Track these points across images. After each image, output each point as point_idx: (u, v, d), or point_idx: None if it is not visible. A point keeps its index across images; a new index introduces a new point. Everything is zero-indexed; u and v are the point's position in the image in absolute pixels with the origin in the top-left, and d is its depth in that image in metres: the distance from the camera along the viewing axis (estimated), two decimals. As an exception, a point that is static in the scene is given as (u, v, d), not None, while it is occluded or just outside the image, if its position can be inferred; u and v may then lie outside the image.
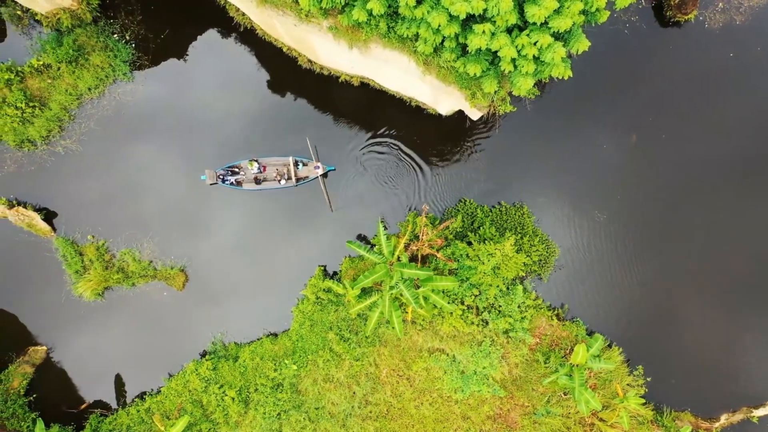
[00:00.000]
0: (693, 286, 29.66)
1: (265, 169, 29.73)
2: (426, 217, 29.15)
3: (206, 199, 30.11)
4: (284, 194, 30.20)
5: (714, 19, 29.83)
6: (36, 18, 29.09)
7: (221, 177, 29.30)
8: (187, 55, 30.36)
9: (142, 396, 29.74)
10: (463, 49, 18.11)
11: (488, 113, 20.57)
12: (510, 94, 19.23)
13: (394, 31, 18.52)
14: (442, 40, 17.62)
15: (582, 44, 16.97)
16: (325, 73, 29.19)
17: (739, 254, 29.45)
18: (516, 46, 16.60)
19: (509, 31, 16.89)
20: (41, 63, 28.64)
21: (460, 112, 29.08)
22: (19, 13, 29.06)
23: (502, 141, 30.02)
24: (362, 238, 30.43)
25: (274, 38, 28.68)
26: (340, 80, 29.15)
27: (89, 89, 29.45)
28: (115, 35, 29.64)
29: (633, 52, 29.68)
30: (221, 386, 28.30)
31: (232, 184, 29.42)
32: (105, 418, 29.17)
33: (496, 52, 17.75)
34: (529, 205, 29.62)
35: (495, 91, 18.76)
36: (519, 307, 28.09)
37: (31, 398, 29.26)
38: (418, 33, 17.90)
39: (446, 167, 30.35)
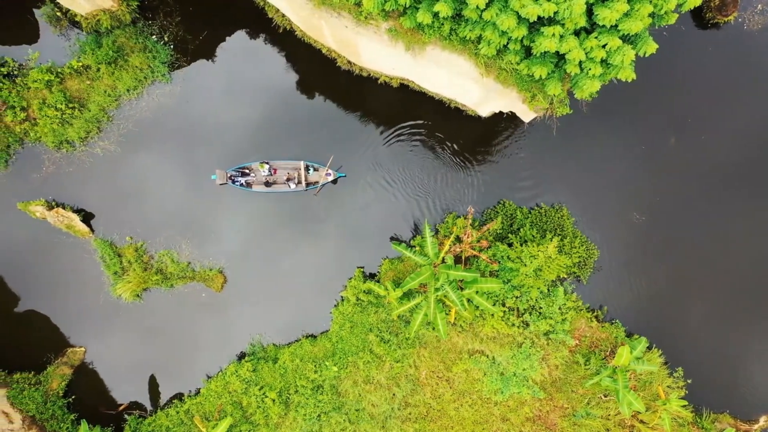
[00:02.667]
0: (732, 288, 29.62)
1: (275, 172, 29.71)
2: (465, 218, 29.18)
3: (243, 201, 30.08)
4: (318, 197, 30.16)
5: (753, 20, 29.79)
6: (75, 19, 29.05)
7: (231, 178, 29.25)
8: (224, 56, 30.29)
9: (180, 397, 29.74)
10: (527, 52, 18.09)
11: (545, 115, 20.55)
12: (570, 95, 19.19)
13: (456, 33, 18.51)
14: (506, 43, 17.60)
15: (650, 47, 16.95)
16: (365, 74, 29.16)
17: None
18: (584, 49, 16.59)
19: (576, 33, 16.87)
20: (81, 64, 28.61)
21: (499, 114, 29.13)
22: (58, 14, 29.02)
23: (539, 142, 29.96)
24: (396, 239, 30.37)
25: (314, 40, 28.63)
26: (379, 81, 29.11)
27: (128, 90, 29.42)
28: (154, 36, 29.61)
29: (672, 54, 29.61)
30: (261, 388, 28.29)
31: (242, 185, 29.38)
32: (144, 420, 29.18)
33: (561, 54, 17.74)
34: (567, 206, 29.56)
35: (549, 94, 18.75)
36: (560, 309, 28.06)
37: (70, 399, 29.28)
38: (480, 35, 17.88)
39: (483, 168, 30.31)
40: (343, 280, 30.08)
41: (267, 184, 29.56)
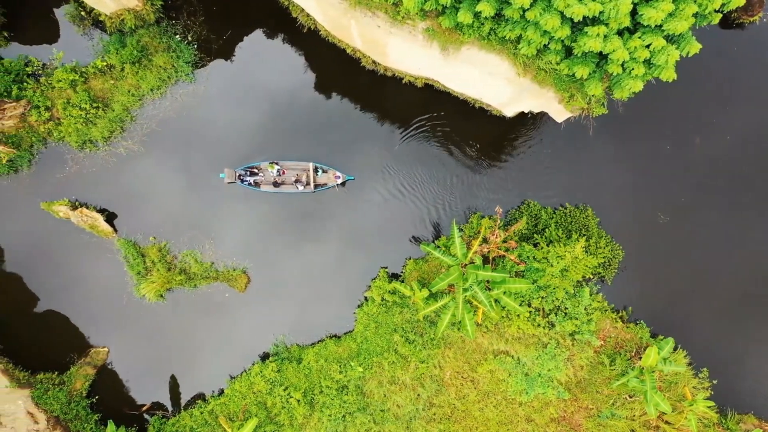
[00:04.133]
0: (756, 288, 29.54)
1: (284, 173, 29.65)
2: (490, 218, 29.14)
3: (264, 202, 30.02)
4: (341, 199, 30.06)
5: (778, 20, 29.75)
6: (98, 19, 28.99)
7: (240, 177, 29.17)
8: (247, 55, 30.24)
9: (203, 398, 29.68)
10: (567, 51, 18.03)
11: (581, 115, 20.50)
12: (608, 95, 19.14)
13: (495, 33, 18.44)
14: (547, 43, 17.54)
15: (693, 47, 16.90)
16: (389, 74, 29.11)
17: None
18: (628, 49, 16.54)
19: (619, 33, 16.81)
20: (105, 64, 28.54)
21: (523, 114, 29.10)
22: (82, 13, 28.95)
23: (563, 142, 29.91)
24: (416, 240, 30.28)
25: (339, 39, 28.57)
26: (403, 81, 29.06)
27: (151, 90, 29.37)
28: (178, 36, 29.54)
29: (696, 54, 29.53)
30: (286, 388, 28.24)
31: (250, 184, 29.32)
32: (167, 420, 29.11)
33: (602, 54, 17.68)
34: (592, 207, 29.50)
35: (590, 94, 18.68)
36: (585, 309, 28.00)
37: (93, 400, 29.20)
38: (520, 35, 17.83)
39: (506, 168, 30.27)
40: (365, 280, 30.03)
41: (275, 184, 29.50)
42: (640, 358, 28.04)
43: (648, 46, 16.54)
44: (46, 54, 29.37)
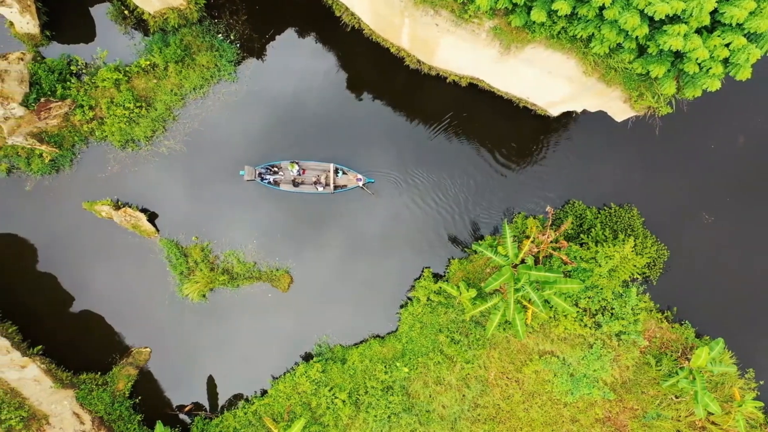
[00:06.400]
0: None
1: (304, 172, 29.55)
2: (535, 218, 29.02)
3: (306, 201, 29.89)
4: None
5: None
6: (142, 18, 28.86)
7: (260, 175, 29.06)
8: (289, 54, 30.10)
9: (245, 398, 29.57)
10: (640, 50, 17.91)
11: (646, 114, 20.37)
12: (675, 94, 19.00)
13: (566, 32, 18.31)
14: (621, 41, 17.40)
15: (772, 45, 16.77)
16: (432, 73, 28.96)
17: None
18: (707, 48, 16.41)
19: (697, 32, 16.68)
20: (148, 63, 28.40)
21: (568, 114, 28.97)
22: (125, 12, 28.83)
23: (606, 141, 29.80)
24: (453, 240, 30.13)
25: (383, 38, 28.42)
26: (447, 80, 28.91)
27: (194, 89, 29.25)
28: (220, 35, 29.41)
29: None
30: (331, 389, 28.11)
31: (269, 183, 29.21)
32: (210, 421, 29.00)
33: (676, 52, 17.55)
34: (636, 206, 29.38)
35: (663, 93, 18.54)
36: (632, 309, 27.86)
37: (137, 400, 29.10)
38: (592, 33, 17.69)
39: (548, 167, 30.09)
40: (406, 280, 29.91)
41: (295, 183, 29.39)
42: (687, 358, 27.96)
43: (728, 45, 16.41)
44: (87, 53, 29.27)
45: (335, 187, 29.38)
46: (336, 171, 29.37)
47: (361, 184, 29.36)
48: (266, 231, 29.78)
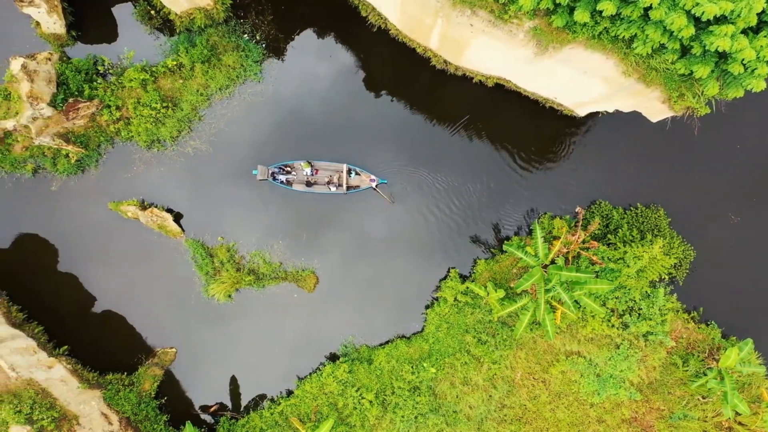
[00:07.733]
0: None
1: (317, 173, 29.53)
2: (562, 219, 29.01)
3: (331, 201, 29.88)
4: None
5: None
6: (168, 18, 28.82)
7: (273, 174, 29.03)
8: (314, 54, 30.10)
9: (271, 399, 29.55)
10: (683, 51, 17.90)
11: (684, 115, 20.37)
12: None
13: (608, 32, 18.31)
14: (664, 42, 17.39)
15: (818, 46, 16.75)
16: (459, 73, 28.94)
17: None
18: (753, 48, 16.40)
19: (743, 32, 16.67)
20: (175, 63, 28.37)
21: (594, 114, 28.96)
22: (151, 12, 28.80)
23: (631, 142, 29.78)
24: (476, 240, 30.11)
25: (410, 38, 28.41)
26: (474, 81, 28.89)
27: (220, 89, 29.23)
28: (246, 35, 29.39)
29: None
30: (358, 389, 28.08)
31: (282, 182, 29.19)
32: (236, 421, 28.97)
33: (720, 53, 17.54)
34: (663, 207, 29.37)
35: (702, 93, 18.54)
36: (659, 310, 27.85)
37: (163, 401, 29.07)
38: (635, 34, 17.68)
39: (574, 167, 30.07)
40: (430, 281, 29.90)
41: (308, 184, 29.37)
42: (714, 359, 27.97)
43: (775, 46, 16.42)
44: (112, 53, 29.25)
45: (348, 188, 29.36)
46: (349, 171, 29.33)
47: (374, 185, 29.31)
48: (292, 231, 29.75)
